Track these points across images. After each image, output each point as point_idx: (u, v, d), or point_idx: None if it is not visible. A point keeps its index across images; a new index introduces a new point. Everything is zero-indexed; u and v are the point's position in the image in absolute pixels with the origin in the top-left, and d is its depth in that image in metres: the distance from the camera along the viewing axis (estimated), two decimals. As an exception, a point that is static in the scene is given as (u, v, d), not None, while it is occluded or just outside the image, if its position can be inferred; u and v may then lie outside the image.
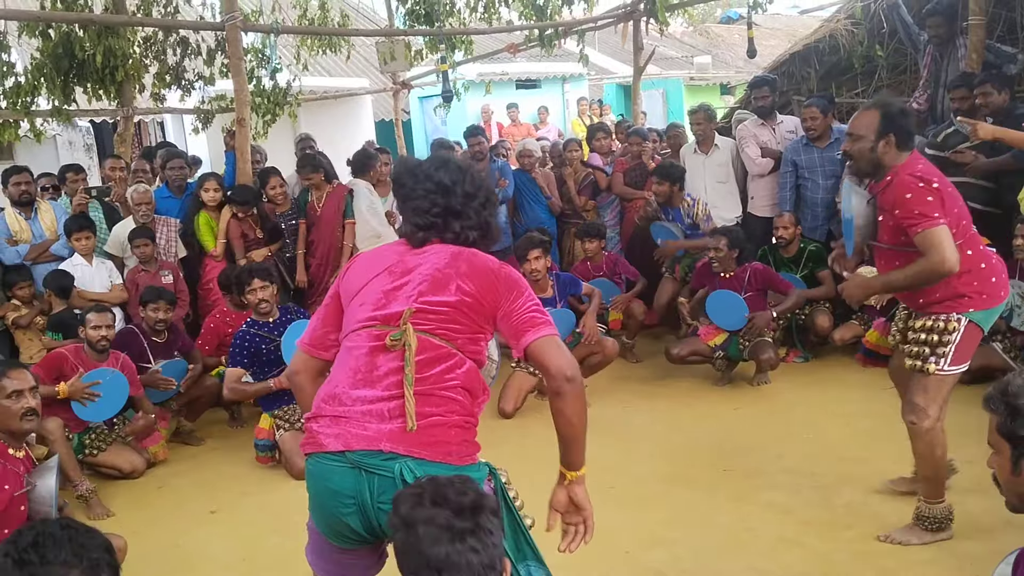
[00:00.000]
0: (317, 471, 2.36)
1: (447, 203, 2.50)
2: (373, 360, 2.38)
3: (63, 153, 12.53)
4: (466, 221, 2.53)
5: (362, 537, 2.37)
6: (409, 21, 9.47)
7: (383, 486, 2.25)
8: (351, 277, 2.57)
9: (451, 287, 2.41)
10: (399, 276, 2.46)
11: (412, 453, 2.27)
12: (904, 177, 3.45)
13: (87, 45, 7.55)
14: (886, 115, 3.52)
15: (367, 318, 2.44)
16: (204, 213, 6.62)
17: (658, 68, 17.98)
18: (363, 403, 2.34)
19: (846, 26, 7.93)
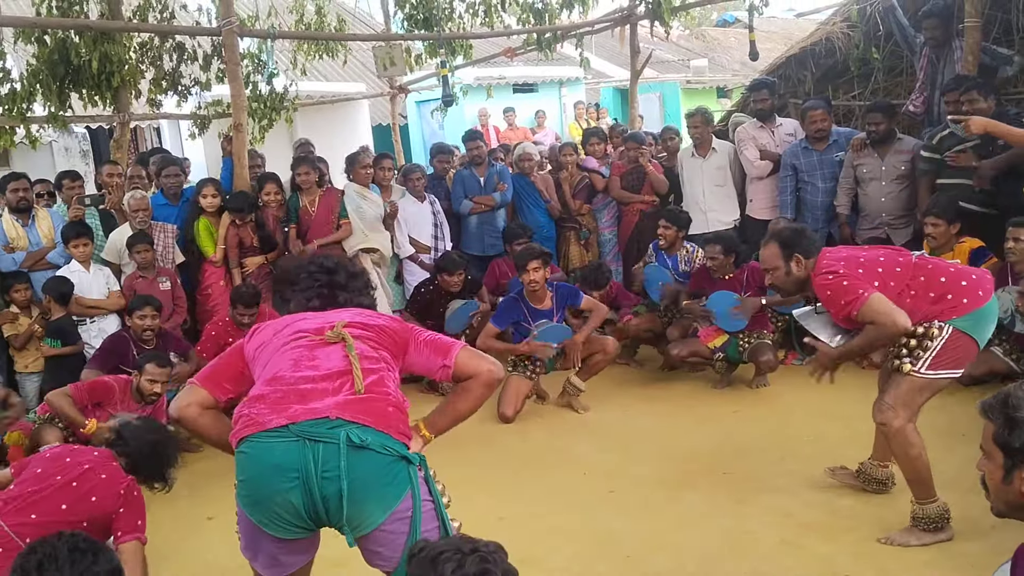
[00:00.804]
0: (255, 451, 2.43)
1: (331, 279, 2.88)
2: (313, 352, 2.58)
3: (59, 159, 12.52)
4: (354, 293, 2.90)
5: (301, 519, 2.42)
6: (408, 26, 9.45)
7: (328, 453, 2.35)
8: (261, 334, 2.74)
9: (373, 320, 2.73)
10: (320, 317, 2.72)
11: (358, 419, 2.40)
12: (816, 281, 3.74)
13: (83, 51, 7.51)
14: (783, 243, 3.86)
15: (299, 331, 2.65)
16: (204, 219, 6.61)
17: (655, 72, 17.99)
18: (306, 382, 2.49)
19: (842, 29, 7.93)
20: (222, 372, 2.74)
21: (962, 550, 3.55)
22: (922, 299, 3.61)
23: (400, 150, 12.38)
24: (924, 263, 3.74)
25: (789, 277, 3.86)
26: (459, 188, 7.85)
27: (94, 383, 5.13)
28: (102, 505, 3.23)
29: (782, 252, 3.84)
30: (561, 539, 4.00)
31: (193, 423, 2.68)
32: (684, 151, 7.65)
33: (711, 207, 7.33)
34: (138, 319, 5.60)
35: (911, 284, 3.64)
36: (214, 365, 2.79)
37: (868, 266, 3.67)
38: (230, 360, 2.77)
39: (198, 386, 2.70)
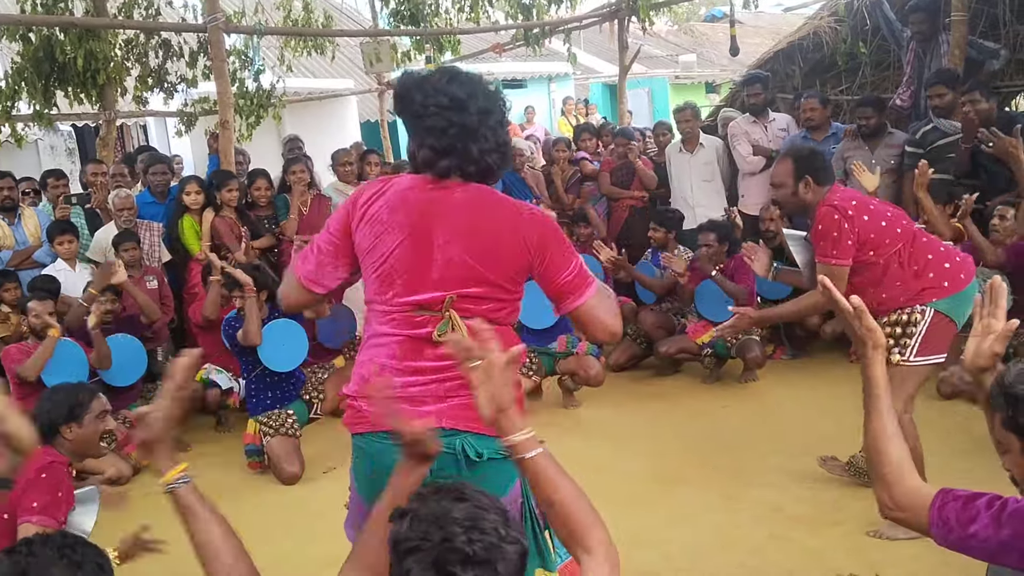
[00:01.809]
0: (374, 450, 2.30)
1: (462, 121, 2.29)
2: (420, 349, 2.31)
3: (45, 158, 12.44)
4: (484, 144, 2.32)
5: None
6: (394, 22, 9.43)
7: (444, 462, 2.19)
8: (368, 226, 2.35)
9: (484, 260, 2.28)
10: (424, 247, 2.29)
11: (471, 428, 2.24)
12: (820, 209, 3.74)
13: (68, 48, 7.48)
14: (798, 161, 3.84)
15: (402, 304, 2.31)
16: (187, 216, 6.56)
17: (643, 67, 17.99)
18: (414, 386, 2.29)
19: (830, 23, 7.95)
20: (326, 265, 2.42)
21: (950, 542, 3.56)
22: (907, 269, 3.65)
23: (389, 146, 12.35)
24: (921, 235, 3.78)
25: (795, 197, 3.86)
26: (447, 184, 7.82)
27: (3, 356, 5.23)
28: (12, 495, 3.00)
29: (795, 170, 3.83)
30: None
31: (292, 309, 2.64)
32: (672, 147, 7.65)
33: (699, 202, 7.33)
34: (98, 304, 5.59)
35: (901, 251, 3.67)
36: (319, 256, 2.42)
37: (874, 214, 3.70)
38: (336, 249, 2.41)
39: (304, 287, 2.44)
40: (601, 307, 2.34)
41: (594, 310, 2.33)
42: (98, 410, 3.40)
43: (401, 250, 2.30)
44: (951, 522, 1.89)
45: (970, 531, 1.86)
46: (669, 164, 7.57)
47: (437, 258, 2.28)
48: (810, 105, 6.73)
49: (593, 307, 2.33)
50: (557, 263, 2.32)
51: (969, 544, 1.87)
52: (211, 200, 6.58)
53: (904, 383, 3.63)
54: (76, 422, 3.35)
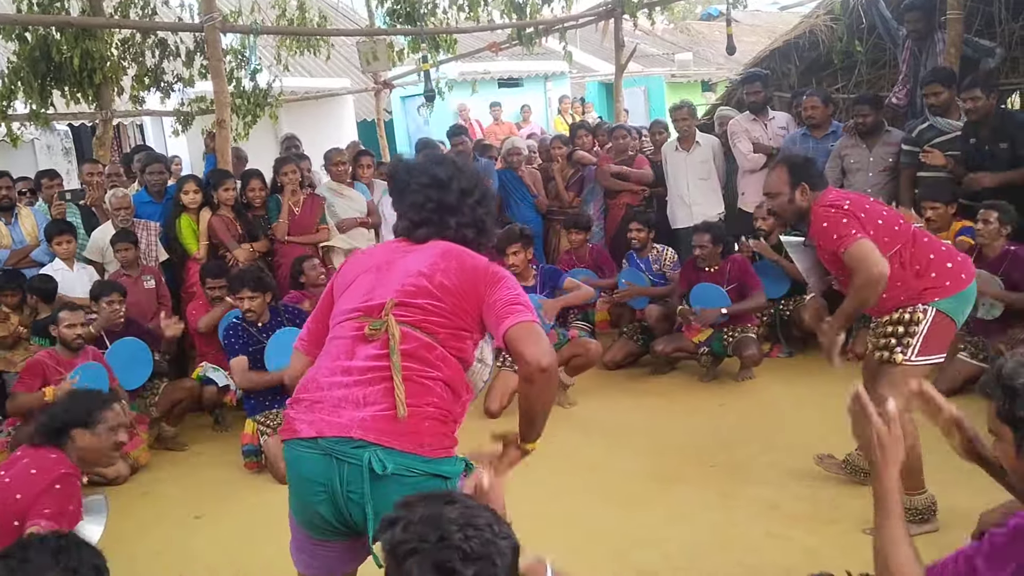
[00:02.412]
0: (291, 457, 2.37)
1: (441, 198, 2.52)
2: (353, 348, 2.40)
3: (41, 157, 12.41)
4: (461, 218, 2.55)
5: (334, 528, 2.37)
6: (390, 21, 9.42)
7: (352, 475, 2.26)
8: (344, 273, 2.61)
9: (435, 281, 2.42)
10: (385, 271, 2.48)
11: (381, 442, 2.26)
12: (817, 210, 3.71)
13: (64, 48, 7.47)
14: (792, 168, 3.81)
15: (350, 309, 2.47)
16: (185, 216, 6.56)
17: (640, 65, 17.98)
18: (339, 387, 2.35)
19: (825, 22, 7.96)
20: (319, 331, 2.60)
21: (947, 542, 3.54)
22: (908, 269, 3.63)
23: (385, 146, 12.36)
24: (921, 235, 3.76)
25: (791, 205, 3.81)
26: (443, 184, 7.82)
27: (26, 369, 5.17)
28: (26, 503, 3.05)
29: (790, 178, 3.80)
30: (549, 533, 3.99)
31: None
32: (668, 145, 7.66)
33: (696, 200, 7.35)
34: (105, 304, 5.60)
35: (901, 251, 3.64)
36: (311, 327, 2.67)
37: (870, 213, 3.67)
38: (321, 312, 2.63)
39: (302, 352, 2.64)
40: (530, 333, 2.33)
41: (522, 333, 2.32)
42: (113, 422, 3.37)
43: (364, 276, 2.52)
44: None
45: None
46: (665, 163, 7.58)
47: (393, 278, 2.45)
48: (812, 103, 6.74)
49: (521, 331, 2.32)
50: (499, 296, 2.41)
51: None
52: (209, 199, 6.58)
53: (905, 382, 3.62)
54: (89, 429, 3.32)
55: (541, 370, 2.29)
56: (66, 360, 5.20)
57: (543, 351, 2.29)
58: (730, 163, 7.46)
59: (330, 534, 2.40)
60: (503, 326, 2.33)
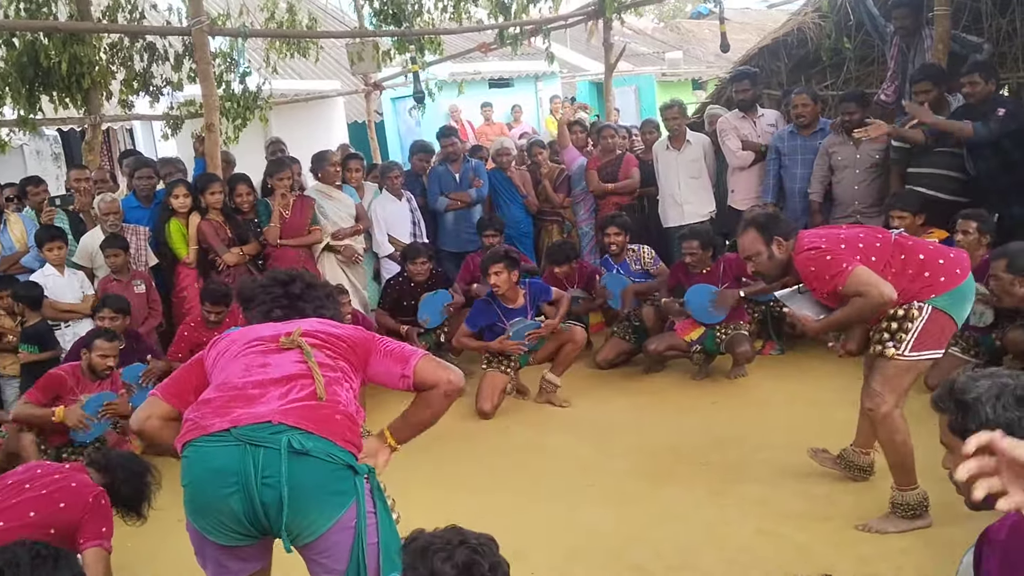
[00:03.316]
0: (197, 455, 2.37)
1: (286, 290, 2.83)
2: (266, 357, 2.53)
3: (31, 163, 12.37)
4: (316, 303, 2.85)
5: (243, 525, 2.36)
6: (377, 22, 9.41)
7: (269, 458, 2.29)
8: (221, 344, 2.69)
9: (325, 330, 2.66)
10: (282, 327, 2.67)
11: (300, 425, 2.34)
12: (799, 259, 3.73)
13: (52, 53, 7.44)
14: (761, 227, 3.84)
15: (253, 339, 2.60)
16: (175, 220, 6.53)
17: (630, 65, 17.99)
18: (255, 387, 2.43)
19: (813, 19, 7.96)
20: (184, 383, 2.67)
21: (940, 537, 3.58)
22: (901, 276, 3.63)
23: (376, 147, 12.34)
24: (904, 240, 3.77)
25: (772, 261, 3.83)
26: (435, 185, 7.84)
27: (44, 380, 5.11)
28: (70, 512, 3.19)
29: (762, 236, 3.82)
30: (541, 533, 4.00)
31: (155, 436, 2.61)
32: (659, 144, 7.66)
33: (687, 199, 7.35)
34: (98, 320, 5.57)
35: (891, 262, 3.65)
36: (176, 376, 2.73)
37: (849, 242, 3.69)
38: (192, 370, 2.70)
39: (159, 398, 2.63)
40: (441, 366, 2.62)
41: (430, 365, 2.60)
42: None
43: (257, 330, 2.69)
44: None
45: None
46: (656, 162, 7.59)
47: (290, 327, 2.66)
48: (802, 101, 6.76)
49: (427, 363, 2.60)
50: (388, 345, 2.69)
51: None
52: (198, 203, 6.57)
53: (898, 378, 3.63)
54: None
55: (459, 390, 2.60)
56: (87, 383, 5.14)
57: (457, 375, 2.60)
58: (721, 161, 7.47)
59: (236, 536, 2.39)
60: (411, 363, 2.59)
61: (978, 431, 1.91)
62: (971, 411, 1.97)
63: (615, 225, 6.75)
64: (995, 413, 1.94)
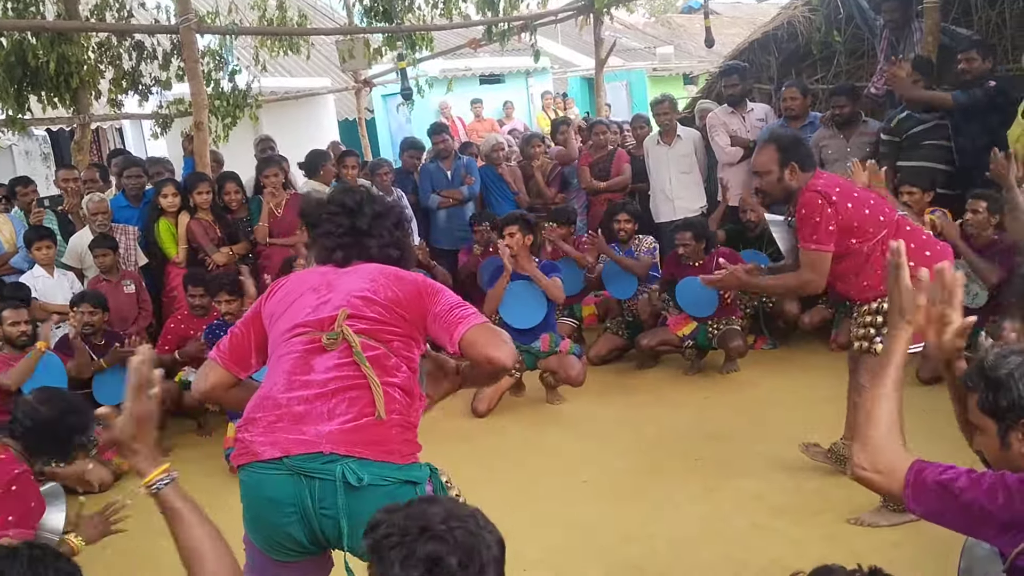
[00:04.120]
0: (252, 481, 2.28)
1: (353, 223, 2.57)
2: (308, 362, 2.35)
3: (20, 163, 12.33)
4: (381, 240, 2.59)
5: (305, 548, 2.30)
6: (367, 18, 9.38)
7: (325, 490, 2.20)
8: (275, 298, 2.54)
9: (380, 294, 2.43)
10: (326, 291, 2.47)
11: (353, 453, 2.22)
12: (804, 194, 3.71)
13: (40, 52, 7.40)
14: (782, 147, 3.80)
15: (295, 326, 2.42)
16: (164, 220, 6.52)
17: (621, 60, 17.98)
18: (299, 403, 2.29)
19: (803, 13, 7.97)
20: (243, 346, 2.51)
21: (932, 530, 3.53)
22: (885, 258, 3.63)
23: (367, 144, 12.31)
24: (904, 223, 3.78)
25: (780, 184, 3.81)
26: (426, 182, 7.82)
27: None
28: None
29: (779, 156, 3.79)
30: (536, 530, 3.99)
31: (221, 402, 2.56)
32: (650, 139, 7.66)
33: (678, 195, 7.35)
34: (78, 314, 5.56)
35: (884, 239, 3.65)
36: (233, 338, 2.54)
37: (858, 202, 3.69)
38: (249, 329, 2.53)
39: (219, 364, 2.49)
40: (487, 333, 2.40)
41: (480, 334, 2.38)
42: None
43: (303, 297, 2.48)
44: (928, 481, 1.88)
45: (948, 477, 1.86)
46: (647, 157, 7.58)
47: (337, 295, 2.44)
48: (791, 94, 6.77)
49: (478, 332, 2.38)
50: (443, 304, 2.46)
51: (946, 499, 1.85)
52: (187, 203, 6.55)
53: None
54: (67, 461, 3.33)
55: (507, 369, 2.44)
56: (12, 357, 5.19)
57: (507, 353, 2.38)
58: (712, 156, 7.46)
59: (296, 555, 2.33)
60: (457, 331, 2.38)
61: (1010, 409, 1.90)
62: (1003, 388, 1.92)
63: (626, 212, 6.79)
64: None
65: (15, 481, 3.11)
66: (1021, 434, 1.92)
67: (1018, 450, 1.93)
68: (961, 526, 1.89)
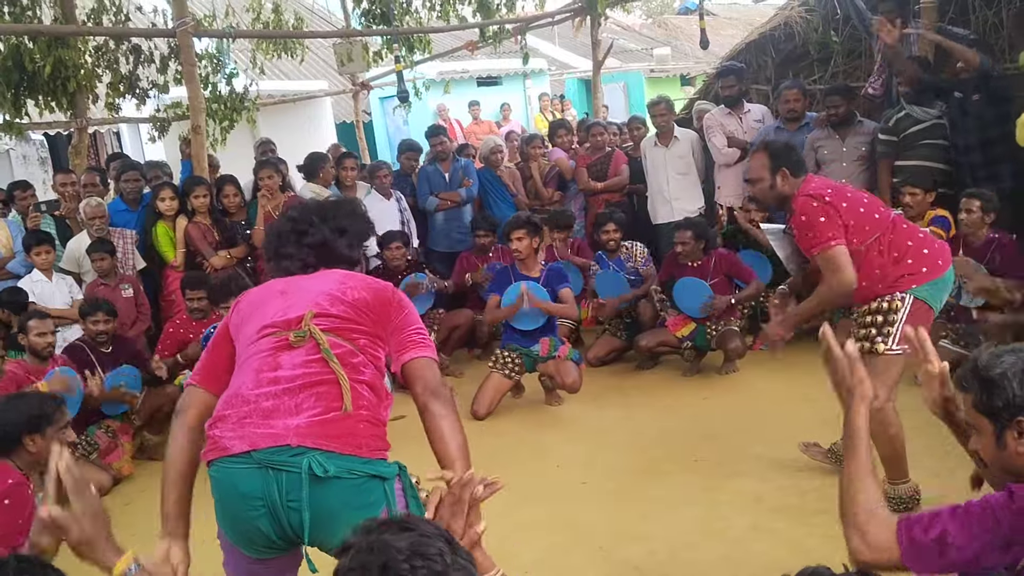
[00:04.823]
0: (222, 476, 2.29)
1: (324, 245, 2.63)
2: (276, 359, 2.38)
3: (17, 167, 12.31)
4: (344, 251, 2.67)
5: (273, 543, 2.32)
6: (365, 21, 9.38)
7: (291, 483, 2.21)
8: (240, 309, 2.57)
9: (347, 296, 2.48)
10: (292, 294, 2.52)
11: (320, 446, 2.23)
12: (799, 200, 3.70)
13: (37, 57, 7.41)
14: (773, 154, 3.80)
15: (263, 327, 2.45)
16: (161, 224, 6.52)
17: (618, 61, 18.01)
18: (267, 398, 2.30)
19: (800, 13, 7.97)
20: (216, 363, 2.54)
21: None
22: (886, 256, 3.64)
23: (365, 147, 12.31)
24: (900, 222, 3.78)
25: (772, 191, 3.81)
26: (424, 184, 7.82)
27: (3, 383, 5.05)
28: None
29: (770, 163, 3.80)
30: (534, 532, 3.99)
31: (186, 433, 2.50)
32: (647, 141, 7.66)
33: (676, 196, 7.35)
34: (91, 324, 5.53)
35: (881, 239, 3.65)
36: (206, 359, 2.58)
37: (852, 201, 3.69)
38: (219, 348, 2.56)
39: (197, 386, 2.52)
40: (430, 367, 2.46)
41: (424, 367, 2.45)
42: (61, 422, 3.32)
43: (269, 301, 2.52)
44: (921, 543, 1.89)
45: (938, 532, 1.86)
46: (645, 158, 7.58)
47: (304, 297, 2.49)
48: (793, 96, 6.78)
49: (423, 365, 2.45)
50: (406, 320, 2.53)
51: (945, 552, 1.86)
52: (185, 207, 6.54)
53: (887, 371, 3.64)
54: (38, 433, 3.25)
55: (432, 392, 2.41)
56: (36, 368, 5.13)
57: (437, 384, 2.43)
58: (709, 157, 7.47)
59: (268, 551, 2.34)
60: (408, 354, 2.45)
61: (1005, 408, 1.91)
62: (996, 388, 1.93)
63: (613, 222, 6.76)
64: (1022, 389, 1.90)
65: (9, 494, 3.10)
66: (1016, 432, 1.93)
67: (1014, 449, 1.93)
68: (971, 567, 1.88)
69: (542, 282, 5.96)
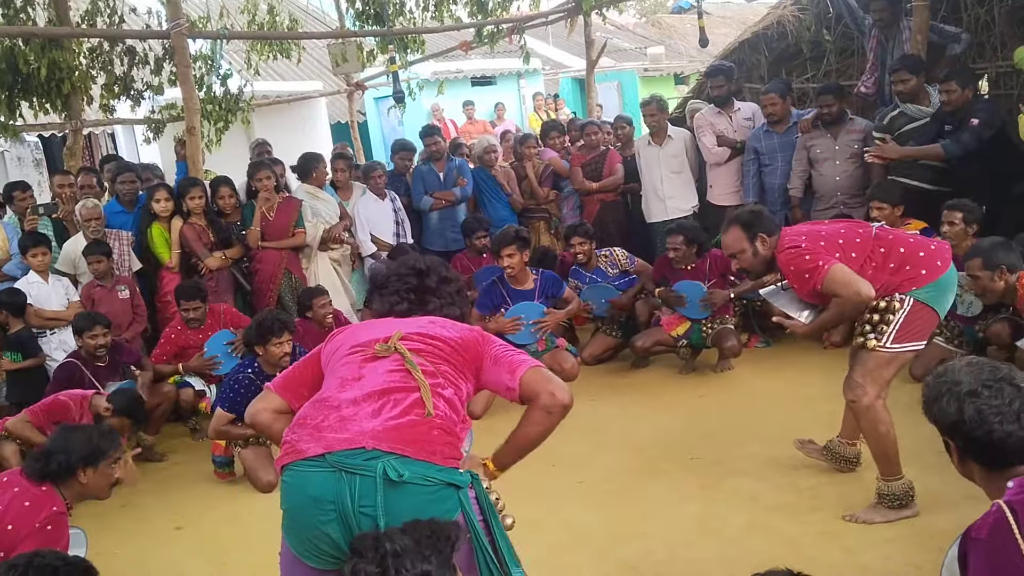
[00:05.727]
0: (295, 480, 2.29)
1: (420, 283, 2.70)
2: (361, 368, 2.43)
3: (12, 169, 12.29)
4: (443, 299, 2.73)
5: (341, 552, 2.26)
6: (359, 22, 9.38)
7: (365, 487, 2.19)
8: (336, 339, 2.63)
9: (435, 333, 2.53)
10: (383, 329, 2.56)
11: (395, 450, 2.23)
12: (780, 258, 3.73)
13: (31, 58, 7.40)
14: (744, 225, 3.84)
15: (352, 346, 2.52)
16: (157, 225, 6.51)
17: (612, 60, 18.00)
18: (349, 405, 2.33)
19: (793, 12, 7.99)
20: (298, 379, 2.63)
21: (926, 526, 3.60)
22: (882, 270, 3.64)
23: (360, 147, 12.31)
24: (884, 234, 3.78)
25: (756, 258, 3.84)
26: (419, 184, 7.82)
27: (50, 404, 5.05)
28: (15, 535, 3.01)
29: (746, 234, 3.82)
30: (531, 531, 3.98)
31: (266, 428, 2.57)
32: (640, 140, 7.67)
33: (669, 195, 7.36)
34: (89, 339, 5.47)
35: (872, 256, 3.66)
36: (290, 371, 2.68)
37: (829, 239, 3.69)
38: (307, 365, 2.65)
39: (272, 392, 2.60)
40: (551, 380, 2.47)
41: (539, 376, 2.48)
42: (115, 457, 3.35)
43: (365, 330, 2.61)
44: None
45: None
46: (638, 157, 7.59)
47: (394, 326, 2.56)
48: (771, 100, 6.80)
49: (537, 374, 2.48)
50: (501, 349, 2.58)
51: None
52: (180, 208, 6.54)
53: (879, 369, 3.66)
54: (93, 467, 3.28)
55: (565, 406, 2.44)
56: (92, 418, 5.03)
57: (565, 389, 2.45)
58: (703, 156, 7.48)
59: (334, 560, 2.28)
60: (518, 372, 2.46)
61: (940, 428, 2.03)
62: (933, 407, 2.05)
63: (578, 235, 6.59)
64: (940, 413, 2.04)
65: (51, 520, 3.10)
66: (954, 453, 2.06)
67: (968, 471, 2.04)
68: None
69: (538, 293, 5.97)
